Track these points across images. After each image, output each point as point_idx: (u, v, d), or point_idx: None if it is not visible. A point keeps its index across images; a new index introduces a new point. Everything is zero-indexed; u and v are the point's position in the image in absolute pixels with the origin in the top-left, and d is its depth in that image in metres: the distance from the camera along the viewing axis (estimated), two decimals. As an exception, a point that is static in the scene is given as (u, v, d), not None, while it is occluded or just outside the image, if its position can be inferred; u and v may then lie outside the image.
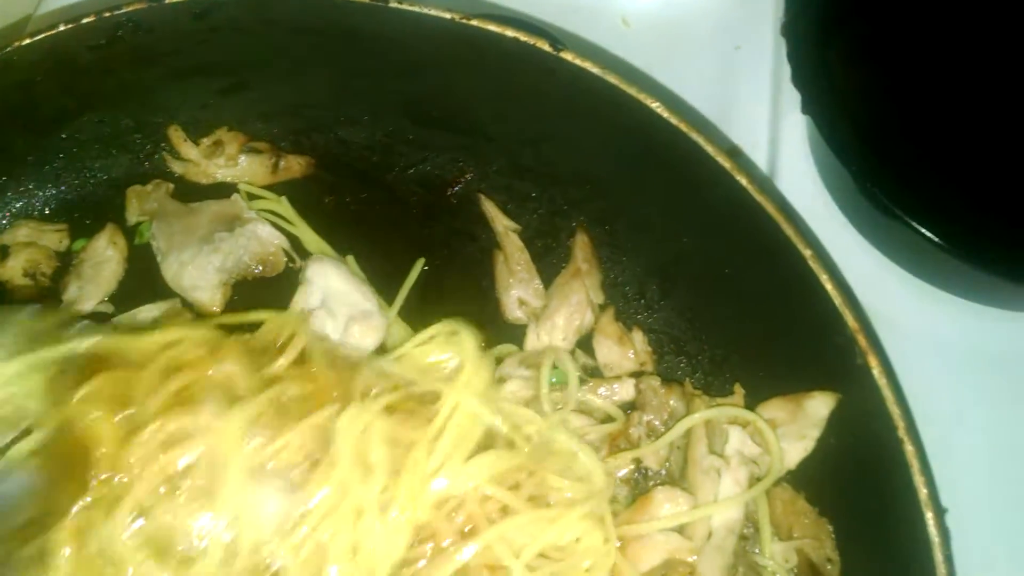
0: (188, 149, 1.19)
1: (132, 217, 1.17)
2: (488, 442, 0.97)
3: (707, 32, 1.51)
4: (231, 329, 1.01)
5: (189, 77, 1.15)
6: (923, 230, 1.13)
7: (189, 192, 1.19)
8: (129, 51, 1.10)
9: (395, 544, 0.89)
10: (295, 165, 1.20)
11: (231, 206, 1.16)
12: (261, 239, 1.13)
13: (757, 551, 0.97)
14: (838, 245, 1.30)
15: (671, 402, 1.06)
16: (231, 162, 1.19)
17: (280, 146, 1.21)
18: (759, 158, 1.40)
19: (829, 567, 0.98)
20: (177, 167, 1.19)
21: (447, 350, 1.02)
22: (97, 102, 1.14)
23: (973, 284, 1.24)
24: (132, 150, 1.19)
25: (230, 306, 1.12)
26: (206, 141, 1.19)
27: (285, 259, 1.15)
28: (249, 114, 1.20)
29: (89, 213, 1.17)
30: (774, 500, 1.00)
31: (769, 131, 1.42)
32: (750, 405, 1.04)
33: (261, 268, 1.14)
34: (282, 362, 0.96)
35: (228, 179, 1.20)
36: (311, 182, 1.20)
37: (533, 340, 1.11)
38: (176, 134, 1.19)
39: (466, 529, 0.92)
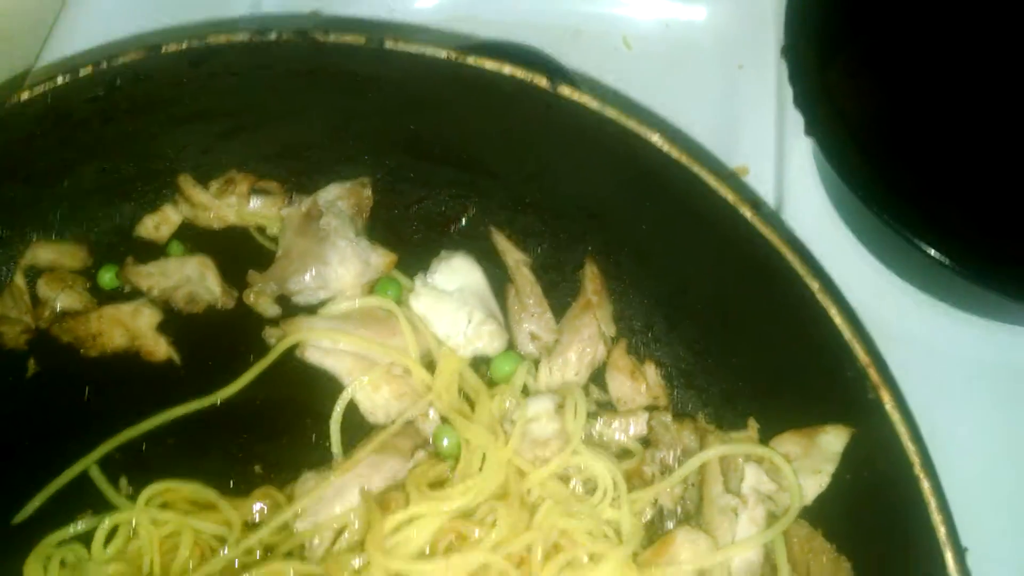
0: (199, 194, 1.18)
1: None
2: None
3: (709, 51, 1.50)
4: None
5: (189, 123, 1.15)
6: (931, 250, 1.11)
7: (198, 239, 1.19)
8: (128, 100, 1.10)
9: None
10: (303, 206, 1.19)
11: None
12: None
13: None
14: (849, 266, 1.28)
15: (684, 437, 1.04)
16: (243, 201, 1.18)
17: (284, 190, 1.20)
18: (766, 178, 1.38)
19: None
20: (185, 211, 1.19)
21: None
22: (98, 152, 1.14)
23: (985, 303, 1.22)
24: (135, 198, 1.19)
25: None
26: (216, 183, 1.19)
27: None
28: (250, 157, 1.19)
29: (95, 258, 1.18)
30: (791, 538, 0.98)
31: (775, 150, 1.41)
32: (763, 439, 1.02)
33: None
34: None
35: (240, 222, 1.19)
36: (315, 223, 1.19)
37: (545, 375, 1.10)
38: (186, 181, 1.18)
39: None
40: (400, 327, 1.04)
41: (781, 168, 1.40)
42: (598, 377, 1.12)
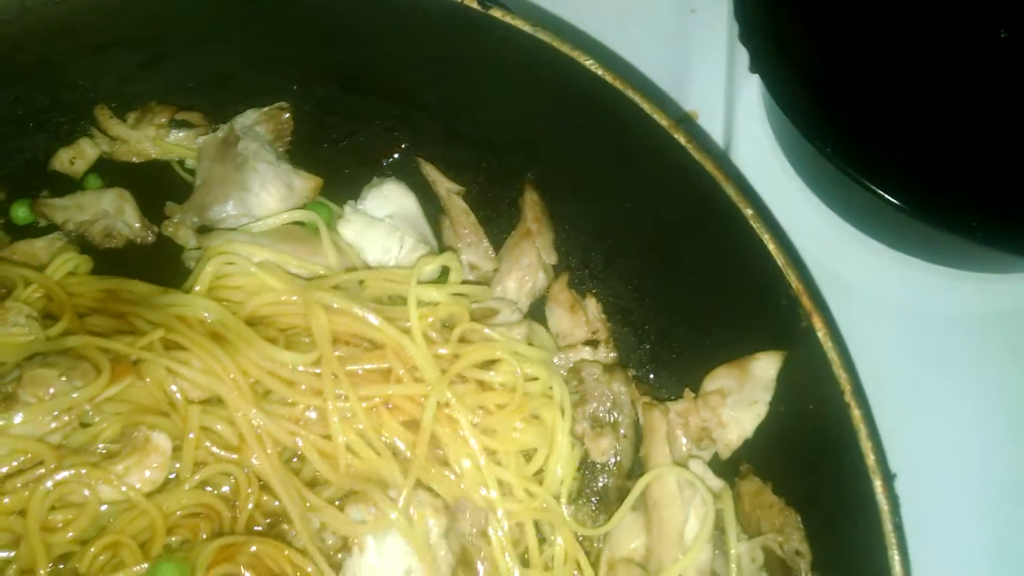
0: (116, 126, 1.13)
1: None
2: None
3: (663, -6, 1.47)
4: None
5: (105, 50, 1.09)
6: (870, 184, 1.08)
7: (117, 173, 1.13)
8: (40, 25, 1.04)
9: None
10: (227, 139, 1.14)
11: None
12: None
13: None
14: (796, 210, 1.27)
15: (614, 388, 1.01)
16: (162, 132, 1.13)
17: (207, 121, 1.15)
18: (715, 124, 1.36)
19: (799, 560, 0.94)
20: (103, 144, 1.14)
21: None
22: (9, 80, 1.08)
23: (927, 245, 1.20)
24: (49, 130, 1.13)
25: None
26: (134, 114, 1.13)
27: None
28: (171, 88, 1.14)
29: (7, 193, 1.12)
30: (741, 495, 0.96)
31: (725, 97, 1.38)
32: (698, 375, 1.00)
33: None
34: None
35: (161, 155, 1.13)
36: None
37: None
38: (103, 112, 1.13)
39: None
40: (323, 246, 1.00)
41: (731, 115, 1.37)
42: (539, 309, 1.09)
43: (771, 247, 0.89)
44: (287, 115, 1.10)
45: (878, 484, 0.82)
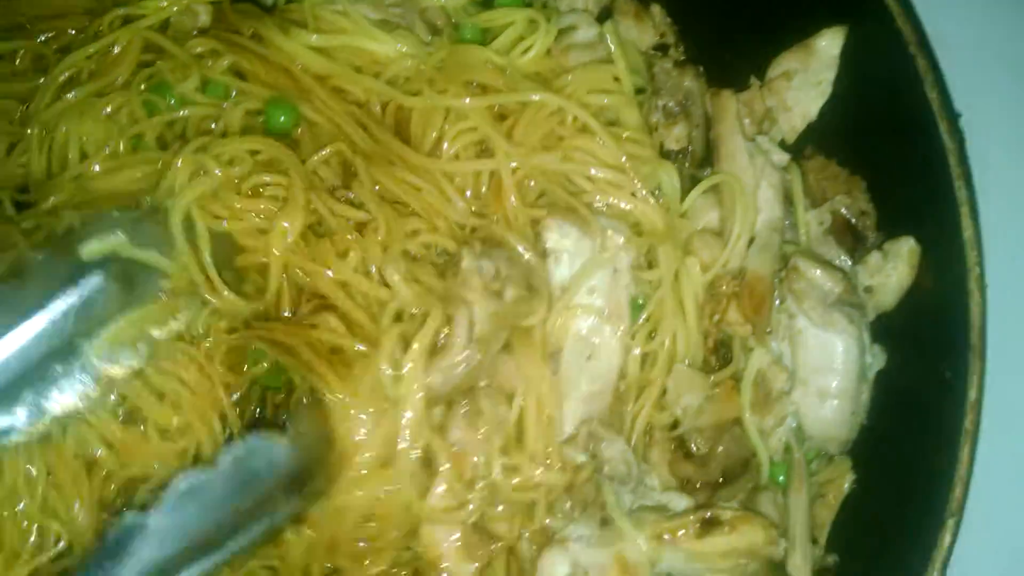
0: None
1: None
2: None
3: None
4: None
5: None
6: None
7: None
8: None
9: None
10: None
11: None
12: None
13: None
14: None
15: (685, 83, 1.06)
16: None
17: None
18: None
19: (865, 219, 1.01)
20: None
21: None
22: None
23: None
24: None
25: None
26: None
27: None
28: None
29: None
30: (807, 172, 1.02)
31: None
32: (762, 66, 1.04)
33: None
34: None
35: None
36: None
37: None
38: None
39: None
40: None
41: None
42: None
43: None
44: None
45: (943, 127, 0.88)
